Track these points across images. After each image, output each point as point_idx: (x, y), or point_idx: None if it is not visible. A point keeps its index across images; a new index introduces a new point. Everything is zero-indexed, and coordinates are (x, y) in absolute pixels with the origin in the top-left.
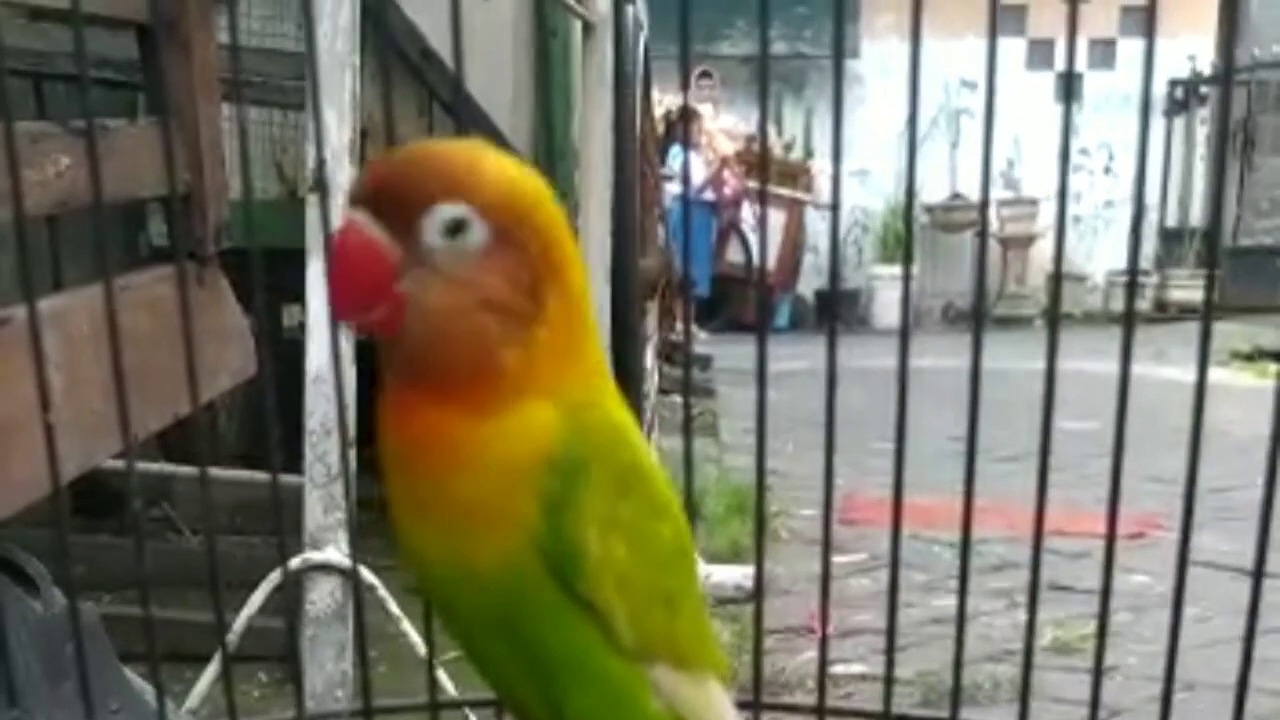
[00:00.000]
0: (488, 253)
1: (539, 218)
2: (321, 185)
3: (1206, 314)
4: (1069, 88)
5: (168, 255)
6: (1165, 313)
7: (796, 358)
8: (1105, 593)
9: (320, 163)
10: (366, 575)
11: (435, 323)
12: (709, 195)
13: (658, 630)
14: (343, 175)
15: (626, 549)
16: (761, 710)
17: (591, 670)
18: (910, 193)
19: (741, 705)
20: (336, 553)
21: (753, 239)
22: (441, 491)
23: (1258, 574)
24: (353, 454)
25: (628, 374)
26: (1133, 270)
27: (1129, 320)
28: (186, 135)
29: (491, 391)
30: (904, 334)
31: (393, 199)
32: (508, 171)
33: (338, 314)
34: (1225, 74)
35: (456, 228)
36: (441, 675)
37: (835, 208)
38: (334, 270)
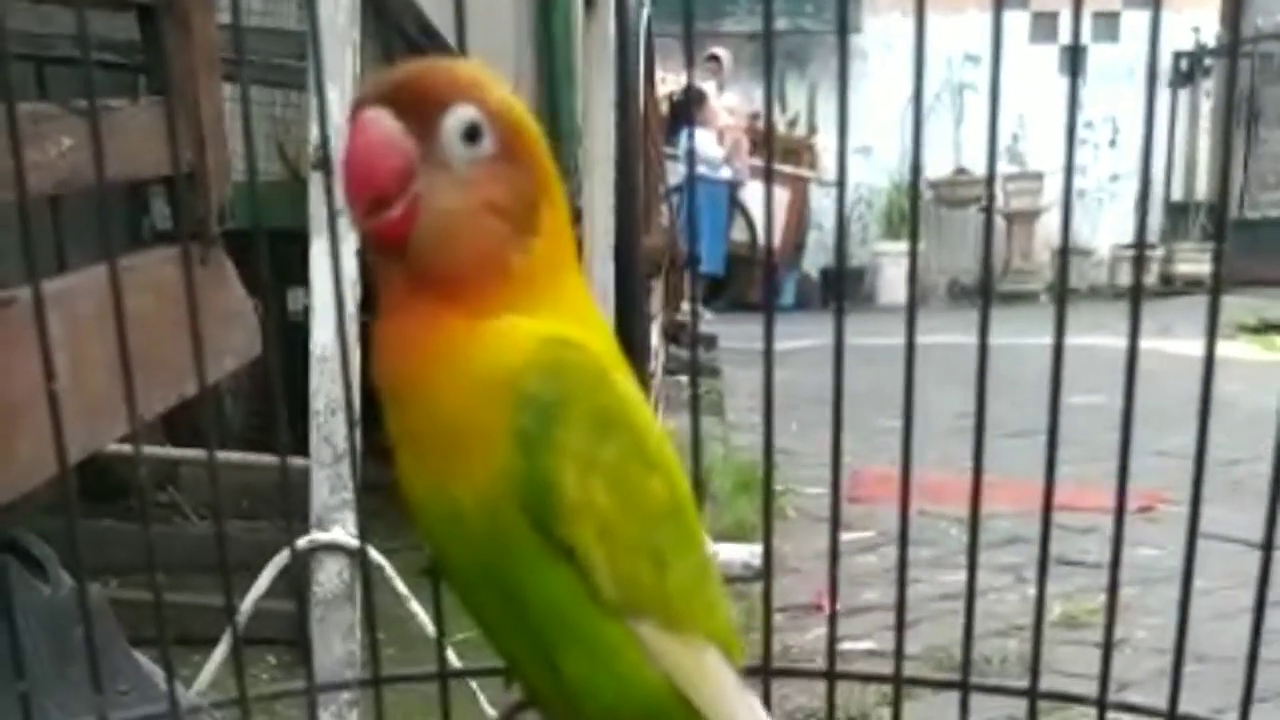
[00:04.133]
0: (494, 161)
1: (534, 134)
2: (323, 163)
3: (1215, 288)
4: (1075, 61)
5: (171, 238)
6: (1171, 286)
7: (802, 336)
8: (1114, 565)
9: (323, 140)
10: (374, 555)
11: (448, 222)
12: (725, 173)
13: (644, 586)
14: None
15: (609, 495)
16: (771, 677)
17: (575, 623)
18: (916, 169)
19: (751, 671)
20: (343, 533)
21: (757, 216)
22: (422, 405)
23: (1267, 546)
24: (358, 434)
25: (632, 353)
26: (1140, 245)
27: (1136, 294)
28: (188, 115)
29: (495, 295)
30: (910, 310)
31: (415, 98)
32: (507, 87)
33: (353, 208)
34: (1232, 46)
35: (472, 132)
36: (450, 655)
37: (841, 185)
38: (351, 162)
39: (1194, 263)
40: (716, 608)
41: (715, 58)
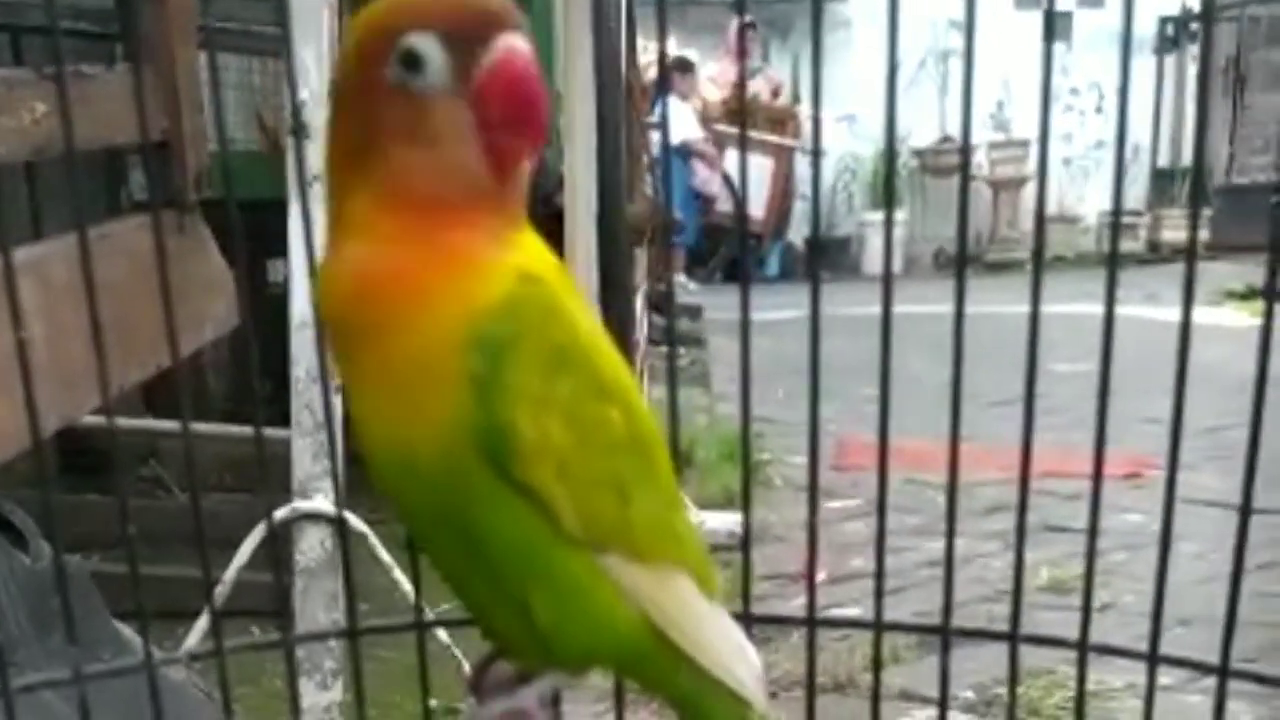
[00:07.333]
0: None
1: None
2: (300, 127)
3: (1191, 249)
4: (1050, 26)
5: (148, 208)
6: (1158, 253)
7: (787, 306)
8: (1093, 530)
9: (298, 104)
10: (356, 523)
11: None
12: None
13: (607, 519)
14: (321, 118)
15: (565, 431)
16: (752, 624)
17: (541, 563)
18: (891, 140)
19: (733, 618)
20: (325, 501)
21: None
22: (384, 346)
23: (1244, 510)
24: (339, 401)
25: (616, 322)
26: (1117, 212)
27: (1113, 255)
28: (163, 82)
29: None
30: (886, 278)
31: (523, 25)
32: None
33: (538, 141)
34: (1206, 11)
35: None
36: (435, 624)
37: (816, 153)
38: (529, 96)
39: (1180, 229)
40: (685, 537)
41: (752, 25)
